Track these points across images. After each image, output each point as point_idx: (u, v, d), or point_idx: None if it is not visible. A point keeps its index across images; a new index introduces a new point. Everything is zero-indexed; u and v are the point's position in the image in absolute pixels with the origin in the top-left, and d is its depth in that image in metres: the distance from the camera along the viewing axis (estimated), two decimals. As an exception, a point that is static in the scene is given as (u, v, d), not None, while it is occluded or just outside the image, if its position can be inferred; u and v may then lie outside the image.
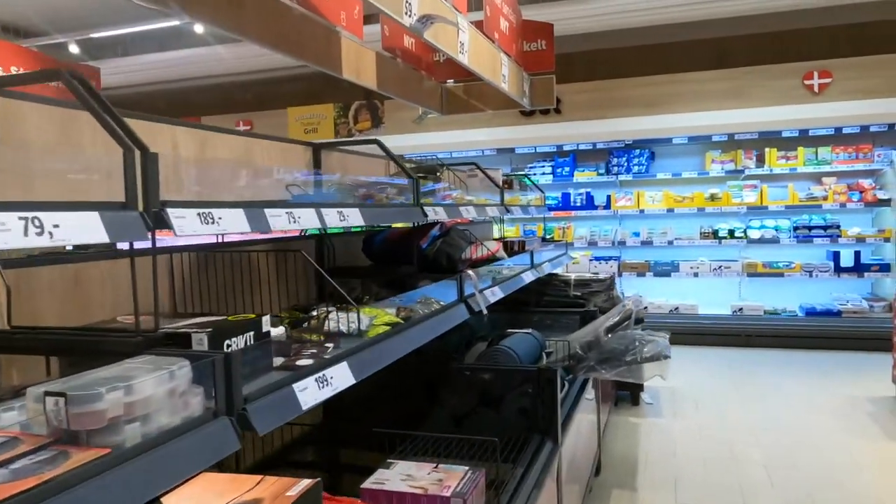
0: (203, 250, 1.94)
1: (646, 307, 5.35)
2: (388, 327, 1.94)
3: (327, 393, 1.48)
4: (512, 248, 4.13)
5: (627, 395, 5.38)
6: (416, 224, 2.71)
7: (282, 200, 1.83)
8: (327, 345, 1.73)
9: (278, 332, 1.64)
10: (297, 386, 1.39)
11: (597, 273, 7.72)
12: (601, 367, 3.15)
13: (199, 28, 7.53)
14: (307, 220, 1.75)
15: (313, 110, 8.60)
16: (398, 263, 2.75)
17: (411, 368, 2.58)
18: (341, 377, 1.56)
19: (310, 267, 2.69)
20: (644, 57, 7.85)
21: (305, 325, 1.83)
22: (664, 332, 3.56)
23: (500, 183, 4.13)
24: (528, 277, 3.61)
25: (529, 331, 3.08)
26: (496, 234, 5.43)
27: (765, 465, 4.02)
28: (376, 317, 1.97)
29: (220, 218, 1.40)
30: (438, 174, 3.19)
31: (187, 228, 1.30)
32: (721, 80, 7.48)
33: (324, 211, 1.83)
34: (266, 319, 1.49)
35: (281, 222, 1.63)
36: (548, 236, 7.19)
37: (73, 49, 8.19)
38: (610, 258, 8.01)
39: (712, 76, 7.52)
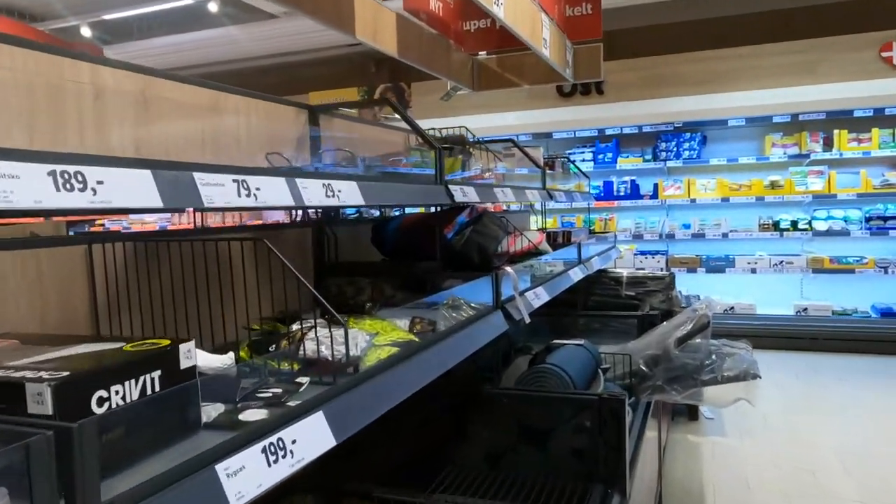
0: (137, 240, 1.38)
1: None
2: (394, 349, 1.37)
3: (284, 470, 0.91)
4: (555, 239, 3.52)
5: (684, 408, 4.72)
6: (438, 208, 2.14)
7: (235, 166, 1.27)
8: (301, 380, 1.16)
9: (221, 362, 1.08)
10: (222, 467, 0.82)
11: (642, 268, 7.12)
12: (671, 387, 2.54)
13: (213, 6, 7.08)
14: (272, 193, 1.18)
15: (336, 94, 8.07)
16: (417, 258, 2.18)
17: (433, 391, 2.02)
18: (313, 438, 0.99)
19: (305, 262, 2.14)
20: (695, 30, 7.11)
21: (273, 347, 1.26)
22: (745, 342, 2.93)
23: (542, 164, 3.52)
24: (577, 275, 3.01)
25: (581, 342, 2.47)
26: (533, 225, 4.82)
27: (861, 501, 3.35)
28: (378, 334, 1.40)
29: (99, 182, 0.83)
30: (468, 148, 2.59)
31: (24, 199, 0.74)
32: (784, 54, 6.70)
33: (300, 182, 1.26)
34: (187, 348, 0.93)
35: (225, 194, 1.07)
36: (589, 228, 6.57)
37: (86, 32, 7.81)
38: (657, 252, 7.31)
39: (774, 49, 6.74)
